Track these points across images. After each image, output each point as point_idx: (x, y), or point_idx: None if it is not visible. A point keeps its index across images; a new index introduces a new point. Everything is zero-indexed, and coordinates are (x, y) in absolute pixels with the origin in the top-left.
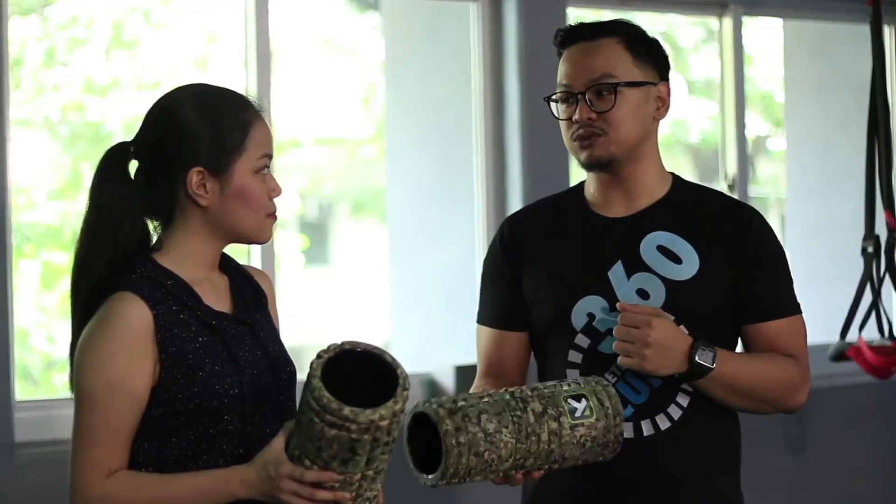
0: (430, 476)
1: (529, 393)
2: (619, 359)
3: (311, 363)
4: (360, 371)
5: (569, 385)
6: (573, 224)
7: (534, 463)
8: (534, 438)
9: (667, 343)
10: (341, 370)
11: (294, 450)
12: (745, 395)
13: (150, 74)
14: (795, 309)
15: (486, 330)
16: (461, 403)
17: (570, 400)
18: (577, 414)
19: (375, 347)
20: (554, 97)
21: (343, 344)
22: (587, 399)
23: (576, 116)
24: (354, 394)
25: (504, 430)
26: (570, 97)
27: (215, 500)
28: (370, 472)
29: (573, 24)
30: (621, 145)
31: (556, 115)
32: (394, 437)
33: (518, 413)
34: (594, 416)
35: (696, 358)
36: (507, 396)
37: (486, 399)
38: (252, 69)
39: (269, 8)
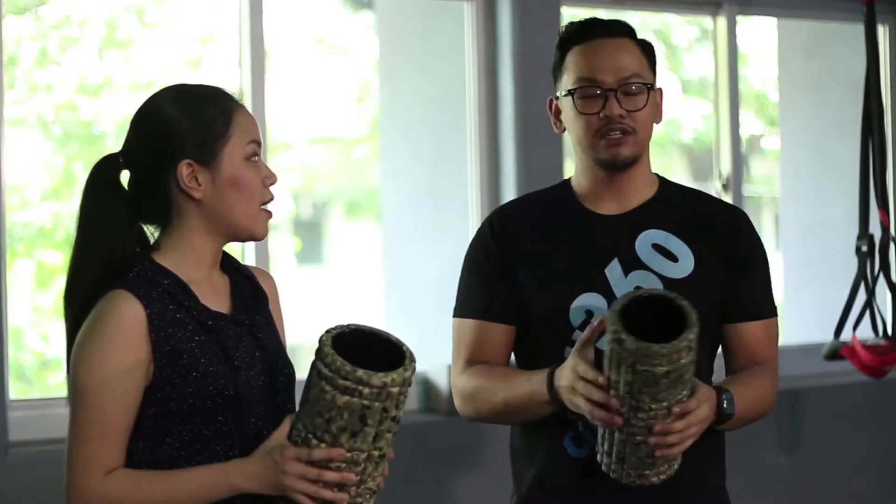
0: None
1: None
2: (676, 448)
3: (321, 337)
4: (362, 355)
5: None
6: (566, 220)
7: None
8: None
9: (709, 411)
10: (345, 353)
11: (300, 432)
12: (741, 422)
13: (143, 74)
14: (774, 311)
15: (471, 322)
16: None
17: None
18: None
19: (380, 329)
20: (573, 91)
21: (349, 325)
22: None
23: (606, 112)
24: None
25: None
26: (597, 93)
27: (215, 494)
28: (375, 453)
29: (586, 19)
30: (642, 146)
31: (579, 109)
32: (399, 415)
33: None
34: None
35: (724, 406)
36: None
37: None
38: (246, 69)
39: (263, 7)
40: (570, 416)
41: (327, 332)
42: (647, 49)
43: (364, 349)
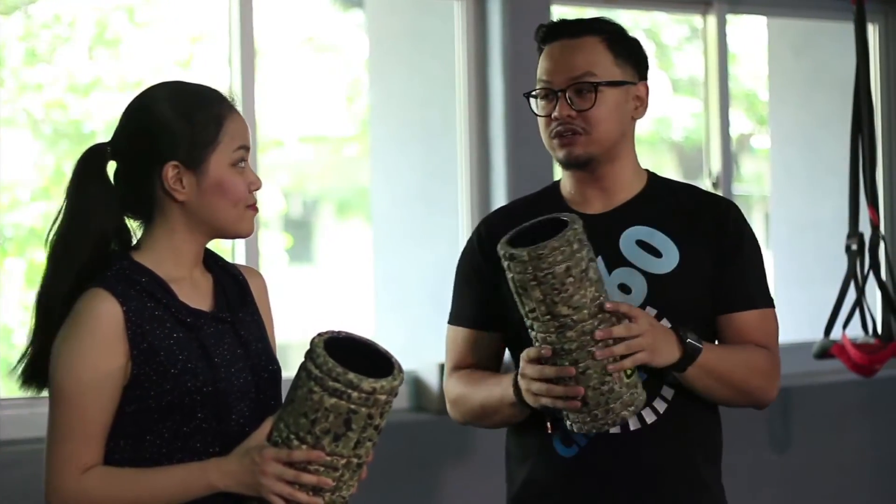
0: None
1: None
2: (628, 360)
3: (312, 339)
4: (350, 362)
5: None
6: None
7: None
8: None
9: (659, 328)
10: (334, 358)
11: (282, 432)
12: (728, 383)
13: (133, 73)
14: (769, 302)
15: (461, 330)
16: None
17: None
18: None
19: (370, 340)
20: (534, 93)
21: (340, 331)
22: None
23: (555, 114)
24: None
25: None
26: (549, 94)
27: (192, 493)
28: (354, 460)
29: (555, 20)
30: (600, 144)
31: (536, 111)
32: (382, 425)
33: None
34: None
35: (687, 339)
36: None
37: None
38: (236, 68)
39: (254, 6)
40: (546, 418)
41: (319, 334)
42: (618, 45)
43: (353, 357)
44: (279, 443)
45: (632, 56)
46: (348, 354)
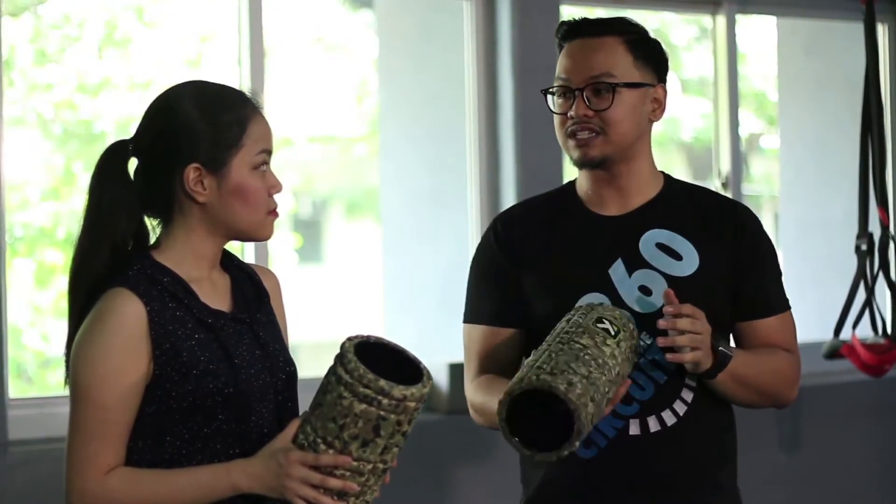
0: (563, 447)
1: (569, 330)
2: (690, 354)
3: (343, 343)
4: (378, 367)
5: (582, 315)
6: (569, 222)
7: (611, 392)
8: (608, 366)
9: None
10: (363, 363)
11: (308, 435)
12: (752, 387)
13: (142, 73)
14: (786, 305)
15: (480, 328)
16: (549, 365)
17: (597, 325)
18: (612, 332)
19: (400, 346)
20: (551, 90)
21: (370, 336)
22: (604, 319)
23: (571, 112)
24: None
25: (591, 370)
26: (567, 92)
27: (216, 494)
28: (380, 465)
29: (578, 18)
30: (616, 145)
31: (552, 108)
32: (409, 431)
33: (584, 352)
34: (621, 330)
35: (720, 346)
36: (562, 344)
37: (559, 352)
38: (245, 67)
39: (263, 6)
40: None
41: (349, 339)
42: (639, 47)
43: (381, 362)
44: (305, 446)
45: (652, 58)
46: (377, 359)
